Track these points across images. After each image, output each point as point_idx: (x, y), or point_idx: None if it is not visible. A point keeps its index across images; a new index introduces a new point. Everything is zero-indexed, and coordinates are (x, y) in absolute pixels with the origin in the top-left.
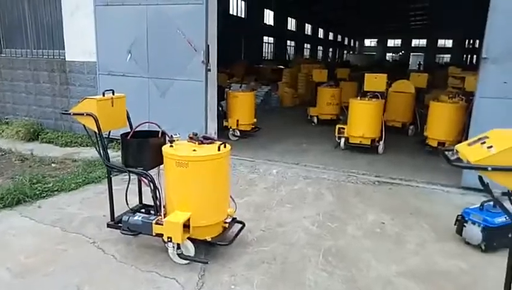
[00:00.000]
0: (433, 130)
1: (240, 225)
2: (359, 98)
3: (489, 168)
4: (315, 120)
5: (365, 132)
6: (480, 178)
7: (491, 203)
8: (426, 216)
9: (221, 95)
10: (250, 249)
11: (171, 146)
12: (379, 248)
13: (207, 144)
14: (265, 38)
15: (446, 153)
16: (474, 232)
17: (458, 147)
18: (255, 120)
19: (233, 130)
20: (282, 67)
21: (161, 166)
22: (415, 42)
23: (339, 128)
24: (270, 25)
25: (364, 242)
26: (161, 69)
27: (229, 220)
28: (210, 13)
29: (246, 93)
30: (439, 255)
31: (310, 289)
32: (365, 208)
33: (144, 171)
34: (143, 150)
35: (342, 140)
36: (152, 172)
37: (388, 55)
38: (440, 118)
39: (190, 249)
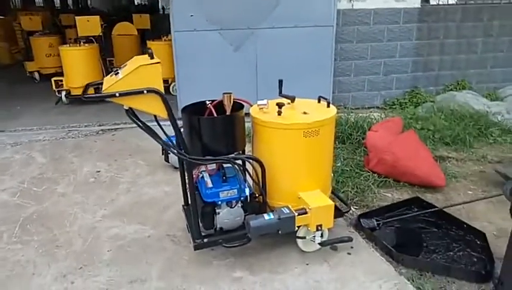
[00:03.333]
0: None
1: None
2: (69, 44)
3: (117, 94)
4: (37, 76)
5: (84, 80)
6: (127, 111)
7: None
8: (144, 153)
9: None
10: None
11: None
12: (89, 198)
13: None
14: None
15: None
16: (174, 157)
17: (105, 79)
18: None
19: None
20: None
21: None
22: None
23: (55, 81)
24: None
25: (74, 197)
26: None
27: None
28: None
29: None
30: (148, 187)
31: None
32: (82, 161)
33: None
34: None
35: (63, 94)
36: None
37: (137, 0)
38: (158, 57)
39: None
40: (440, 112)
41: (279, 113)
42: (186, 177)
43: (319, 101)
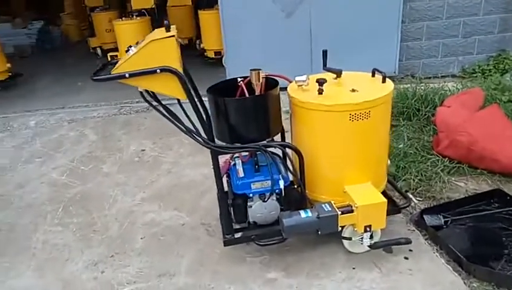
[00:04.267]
0: (207, 41)
1: None
2: (122, 18)
3: (127, 75)
4: (99, 52)
5: None
6: (142, 93)
7: None
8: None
9: None
10: None
11: None
12: (131, 179)
13: None
14: None
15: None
16: None
17: (122, 57)
18: (8, 66)
19: None
20: None
21: None
22: None
23: (111, 56)
24: None
25: (117, 177)
26: None
27: None
28: None
29: None
30: (189, 168)
31: (35, 251)
32: (129, 139)
33: None
34: None
35: None
36: None
37: None
38: (209, 28)
39: None
40: None
41: (320, 91)
42: (212, 166)
43: (373, 75)
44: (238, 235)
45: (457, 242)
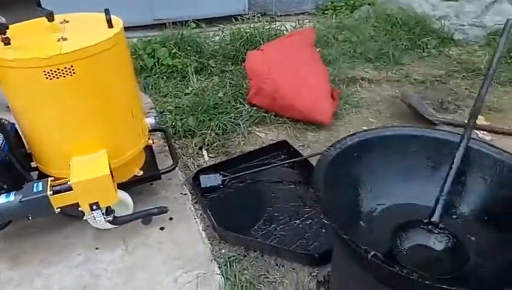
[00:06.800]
0: None
1: None
2: None
3: None
4: None
5: None
6: None
7: None
8: None
9: None
10: None
11: None
12: None
13: None
14: None
15: None
16: None
17: None
18: None
19: None
20: None
21: None
22: None
23: None
24: None
25: None
26: None
27: None
28: None
29: None
30: None
31: None
32: None
33: None
34: None
35: None
36: None
37: None
38: None
39: None
40: (375, 18)
41: (6, 41)
42: None
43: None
44: None
45: (224, 204)
